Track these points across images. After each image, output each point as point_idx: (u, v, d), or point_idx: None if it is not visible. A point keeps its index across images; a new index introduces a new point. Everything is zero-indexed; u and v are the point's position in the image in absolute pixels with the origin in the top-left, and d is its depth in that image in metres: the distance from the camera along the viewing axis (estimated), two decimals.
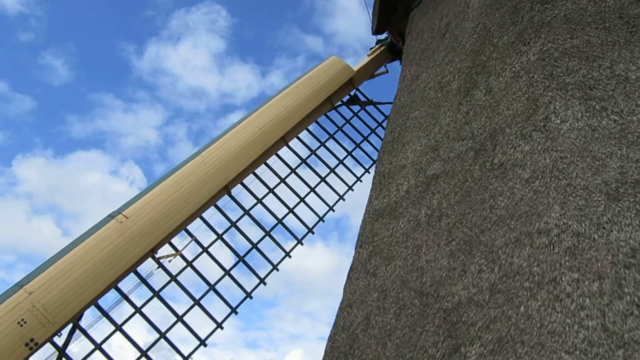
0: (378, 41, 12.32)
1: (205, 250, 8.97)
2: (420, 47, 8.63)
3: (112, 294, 8.12)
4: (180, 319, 8.32)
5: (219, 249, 9.53)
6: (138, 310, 8.15)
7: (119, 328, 7.93)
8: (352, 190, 10.76)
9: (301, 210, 10.04)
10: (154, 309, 8.44)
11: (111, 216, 8.34)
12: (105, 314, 7.96)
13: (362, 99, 11.85)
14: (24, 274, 7.52)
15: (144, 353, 7.85)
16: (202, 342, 8.31)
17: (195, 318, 8.49)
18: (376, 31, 11.48)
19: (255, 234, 9.53)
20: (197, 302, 8.52)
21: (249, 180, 9.87)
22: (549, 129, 4.89)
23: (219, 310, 8.71)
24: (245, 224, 9.56)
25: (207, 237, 9.17)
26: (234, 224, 9.32)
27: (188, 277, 8.81)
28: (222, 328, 8.51)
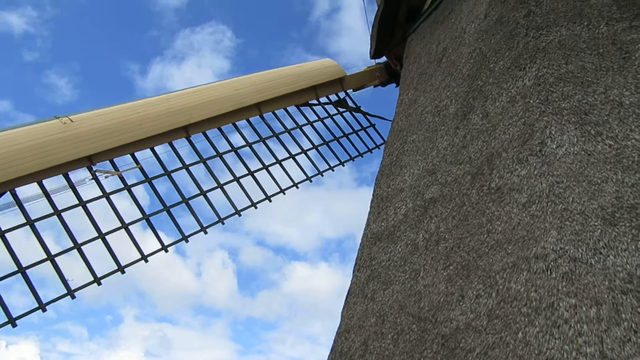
0: (377, 63, 12.47)
1: (148, 180, 8.55)
2: (418, 71, 8.73)
3: (34, 190, 7.62)
4: (102, 236, 7.75)
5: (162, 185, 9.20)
6: (57, 212, 7.57)
7: (30, 223, 7.34)
8: (311, 181, 10.44)
9: (248, 182, 9.69)
10: (77, 221, 7.92)
11: (56, 116, 8.02)
12: (19, 204, 7.36)
13: (351, 105, 11.91)
14: None
15: (51, 257, 7.28)
16: (121, 269, 7.74)
17: (120, 242, 8.01)
18: (374, 55, 11.61)
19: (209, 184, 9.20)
20: (125, 226, 8.00)
21: (214, 133, 9.70)
22: (545, 154, 4.93)
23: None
24: (201, 173, 9.36)
25: (154, 172, 8.79)
26: (167, 173, 8.80)
27: (123, 202, 8.39)
28: (146, 261, 7.99)
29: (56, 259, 7.28)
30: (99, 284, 7.51)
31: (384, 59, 12.12)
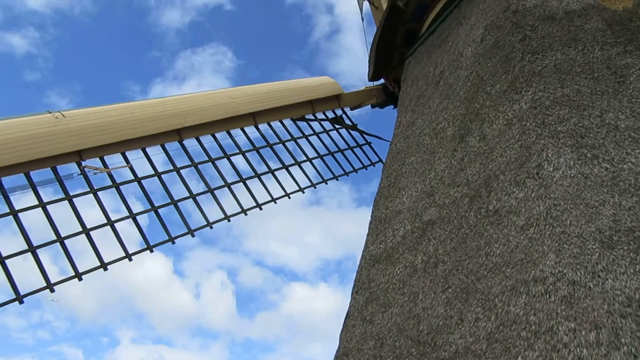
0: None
1: (138, 180, 8.48)
2: (416, 94, 8.81)
3: (20, 180, 7.54)
4: (87, 232, 7.64)
5: (151, 185, 8.98)
6: (42, 205, 7.47)
7: (14, 213, 7.26)
8: (303, 192, 10.35)
9: (238, 189, 9.64)
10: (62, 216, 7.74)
11: (49, 111, 8.03)
12: (4, 194, 7.30)
13: (348, 122, 11.99)
14: None
15: (33, 249, 7.19)
16: (104, 266, 7.59)
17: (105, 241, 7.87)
18: (372, 78, 11.74)
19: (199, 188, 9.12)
20: (111, 223, 7.88)
21: (208, 140, 9.71)
22: (542, 177, 4.96)
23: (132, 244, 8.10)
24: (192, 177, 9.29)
25: (145, 172, 8.74)
26: (158, 174, 8.75)
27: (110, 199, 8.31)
28: (130, 259, 7.82)
29: (38, 251, 7.20)
30: (80, 279, 7.36)
31: (382, 80, 12.25)
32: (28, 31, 40.09)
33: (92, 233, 7.67)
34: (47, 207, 7.52)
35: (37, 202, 7.48)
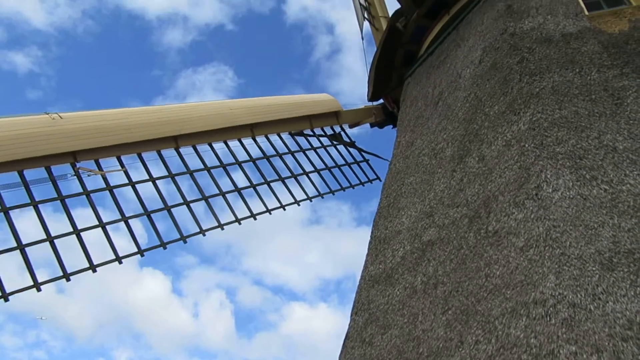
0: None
1: (132, 184, 8.44)
2: (415, 114, 8.86)
3: (14, 178, 7.51)
4: (77, 232, 7.56)
5: (143, 189, 8.94)
6: (34, 203, 7.43)
7: (5, 210, 7.21)
8: (299, 205, 10.35)
9: (234, 199, 9.64)
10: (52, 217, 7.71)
11: (47, 112, 8.04)
12: None
13: (346, 140, 12.04)
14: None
15: (21, 247, 7.10)
16: (92, 268, 7.51)
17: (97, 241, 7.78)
18: (372, 98, 11.81)
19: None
20: (102, 225, 7.80)
21: (204, 149, 9.71)
22: (541, 198, 4.96)
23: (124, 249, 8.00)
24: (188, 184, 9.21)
25: (140, 177, 8.70)
26: (152, 180, 8.71)
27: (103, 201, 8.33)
28: (120, 262, 7.77)
29: (26, 249, 7.15)
30: (68, 279, 7.32)
31: (381, 101, 12.33)
32: (31, 50, 40.47)
33: (85, 236, 7.62)
34: (39, 205, 7.50)
35: (29, 200, 7.46)
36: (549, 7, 7.49)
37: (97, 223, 7.83)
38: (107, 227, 7.85)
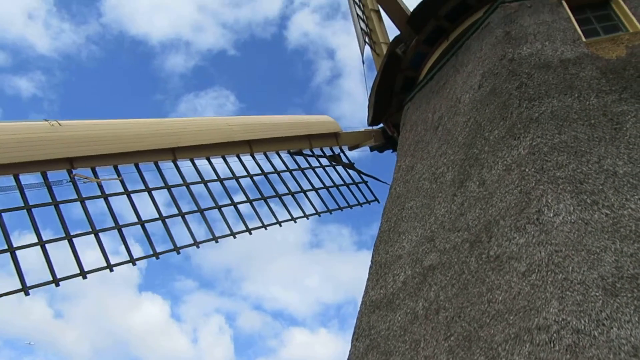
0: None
1: (127, 193, 8.45)
2: (415, 138, 8.90)
3: (9, 181, 7.52)
4: (69, 238, 7.54)
5: (139, 200, 8.95)
6: (28, 207, 7.41)
7: None
8: (295, 222, 10.36)
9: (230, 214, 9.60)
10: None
11: (46, 120, 8.14)
12: None
13: (345, 161, 12.06)
14: None
15: (11, 249, 7.05)
16: (83, 274, 7.42)
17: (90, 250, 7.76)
18: (372, 122, 11.89)
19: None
20: (95, 232, 7.75)
21: (202, 163, 9.74)
22: (543, 222, 4.95)
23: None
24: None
25: (136, 186, 8.73)
26: (148, 190, 8.73)
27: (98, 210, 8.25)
28: (111, 270, 7.70)
29: (17, 252, 7.11)
30: (57, 284, 7.25)
31: (381, 125, 12.40)
32: (35, 75, 40.97)
33: (78, 245, 7.59)
34: (32, 210, 7.52)
35: (23, 204, 7.49)
36: (547, 34, 7.60)
37: (90, 230, 7.78)
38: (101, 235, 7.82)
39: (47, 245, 7.32)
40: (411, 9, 10.31)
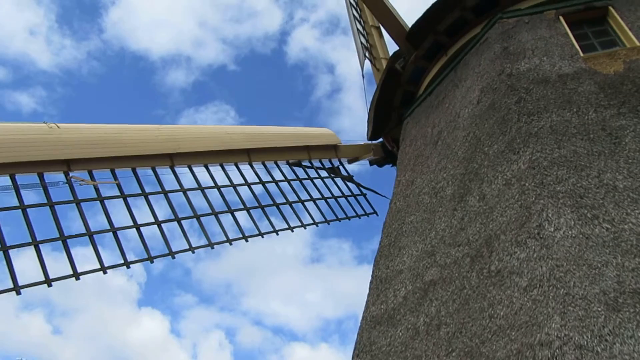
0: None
1: (123, 197, 8.49)
2: (414, 153, 8.92)
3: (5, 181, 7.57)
4: (64, 239, 7.57)
5: (136, 208, 8.99)
6: (23, 207, 7.43)
7: None
8: (292, 231, 10.39)
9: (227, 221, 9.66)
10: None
11: (45, 122, 8.25)
12: None
13: (344, 174, 12.10)
14: None
15: (4, 248, 7.08)
16: (76, 275, 7.43)
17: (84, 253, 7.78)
18: (371, 137, 11.93)
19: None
20: (90, 234, 7.81)
21: (200, 170, 9.80)
22: (544, 237, 4.94)
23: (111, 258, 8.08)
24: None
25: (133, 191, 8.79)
26: (145, 194, 8.78)
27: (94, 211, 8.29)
28: (105, 272, 7.74)
29: (10, 251, 7.14)
30: (50, 285, 7.25)
31: (381, 139, 12.44)
32: (36, 90, 41.10)
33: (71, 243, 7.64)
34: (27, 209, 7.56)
35: (18, 204, 7.54)
36: (545, 49, 7.66)
37: (84, 231, 7.85)
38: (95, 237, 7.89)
39: (44, 255, 7.31)
40: (410, 25, 10.40)
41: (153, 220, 8.58)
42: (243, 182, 10.22)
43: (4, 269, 7.07)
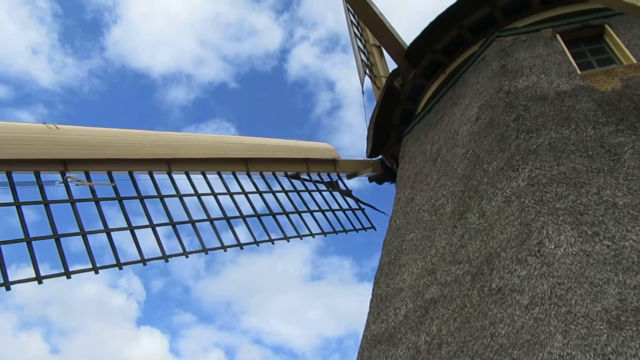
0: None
1: (119, 199, 8.50)
2: (414, 170, 8.93)
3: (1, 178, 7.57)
4: (57, 237, 7.55)
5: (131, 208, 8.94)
6: (17, 204, 7.45)
7: None
8: (288, 241, 10.42)
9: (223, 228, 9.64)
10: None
11: (44, 122, 8.34)
12: None
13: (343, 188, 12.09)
14: None
15: None
16: (67, 274, 7.41)
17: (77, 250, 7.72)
18: (371, 154, 11.95)
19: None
20: (83, 234, 7.79)
21: (197, 177, 9.80)
22: (544, 254, 4.91)
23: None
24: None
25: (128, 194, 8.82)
26: (140, 197, 8.80)
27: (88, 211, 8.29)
28: (96, 272, 7.70)
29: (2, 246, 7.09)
30: (40, 282, 7.23)
31: (380, 157, 12.46)
32: (37, 108, 41.21)
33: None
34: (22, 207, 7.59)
35: (12, 200, 7.56)
36: (542, 67, 7.72)
37: (78, 231, 7.85)
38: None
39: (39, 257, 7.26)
40: (408, 43, 10.50)
41: (147, 223, 8.60)
42: (240, 190, 10.23)
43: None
